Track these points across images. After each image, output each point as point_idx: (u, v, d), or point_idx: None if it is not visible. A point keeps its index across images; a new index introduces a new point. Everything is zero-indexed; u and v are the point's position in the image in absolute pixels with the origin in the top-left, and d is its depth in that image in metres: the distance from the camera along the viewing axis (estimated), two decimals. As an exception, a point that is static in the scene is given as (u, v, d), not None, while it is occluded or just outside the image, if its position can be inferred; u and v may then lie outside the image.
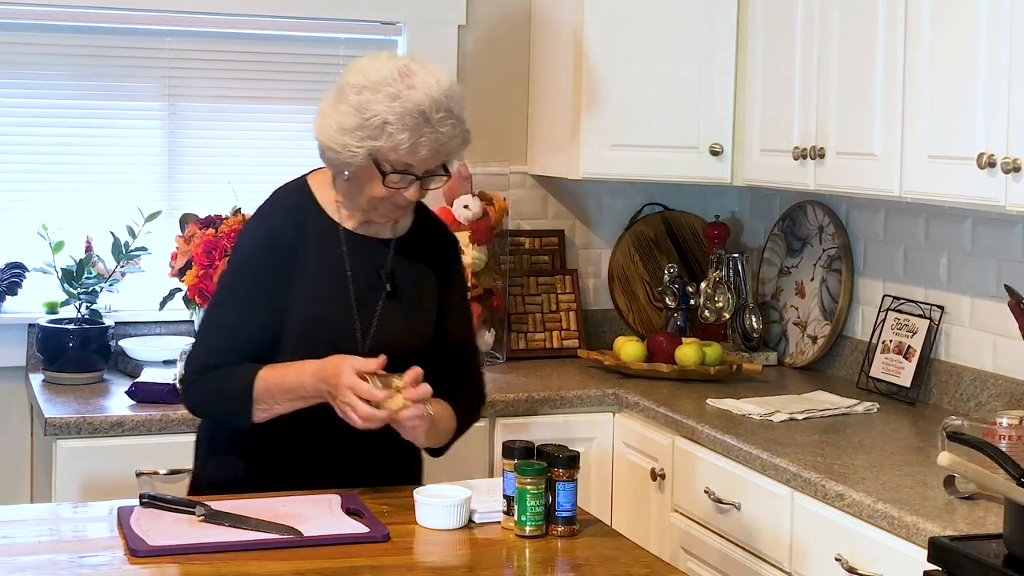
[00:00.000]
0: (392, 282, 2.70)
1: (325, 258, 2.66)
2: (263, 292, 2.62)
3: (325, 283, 2.65)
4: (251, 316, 2.63)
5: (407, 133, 2.53)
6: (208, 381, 2.64)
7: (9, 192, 3.90)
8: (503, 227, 4.14)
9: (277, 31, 4.09)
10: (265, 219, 2.70)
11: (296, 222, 2.66)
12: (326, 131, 2.59)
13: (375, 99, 2.53)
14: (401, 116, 2.52)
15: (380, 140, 2.54)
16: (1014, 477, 2.27)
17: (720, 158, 3.95)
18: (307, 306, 2.63)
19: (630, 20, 3.91)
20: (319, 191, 2.71)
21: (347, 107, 2.56)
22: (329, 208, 2.69)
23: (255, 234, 2.70)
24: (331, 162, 2.64)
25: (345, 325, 2.65)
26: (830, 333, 3.96)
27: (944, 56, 3.00)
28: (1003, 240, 3.38)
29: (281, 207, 2.70)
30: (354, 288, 2.66)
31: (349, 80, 2.59)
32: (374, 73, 2.56)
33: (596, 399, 3.72)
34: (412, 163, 2.57)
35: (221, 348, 2.63)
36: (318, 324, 2.63)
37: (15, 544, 2.34)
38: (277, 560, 2.26)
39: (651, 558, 2.38)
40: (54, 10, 3.85)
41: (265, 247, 2.65)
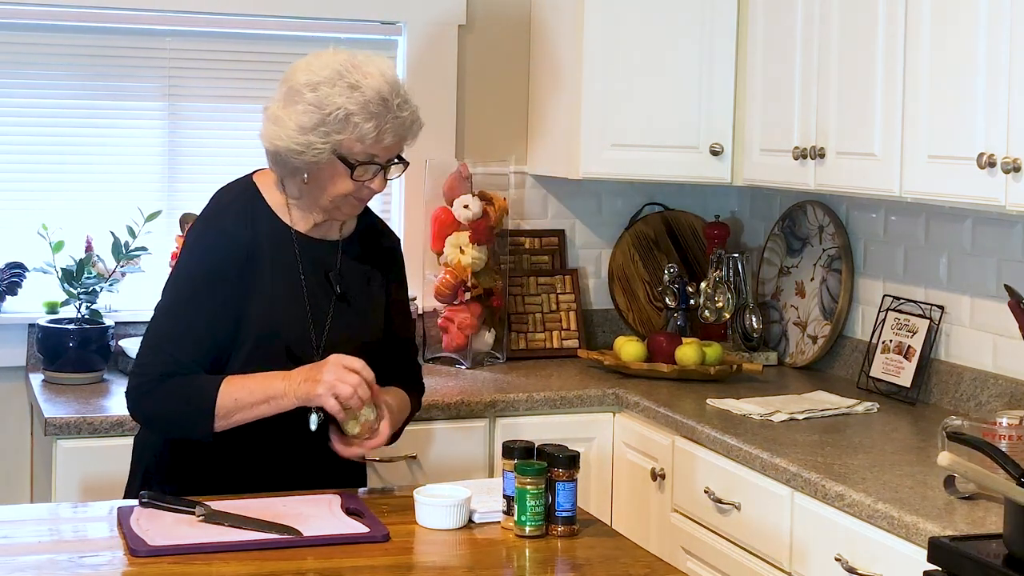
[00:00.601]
0: (341, 283, 2.69)
1: (279, 262, 2.64)
2: (218, 298, 2.59)
3: (280, 287, 2.63)
4: (206, 322, 2.58)
5: (373, 121, 2.53)
6: (164, 391, 2.58)
7: (9, 192, 3.90)
8: (503, 227, 4.14)
9: (277, 31, 4.09)
10: (217, 223, 2.66)
11: (248, 227, 2.63)
12: (284, 135, 2.55)
13: (333, 92, 2.52)
14: (364, 105, 2.52)
15: (345, 133, 2.53)
16: (1014, 477, 2.27)
17: (720, 158, 3.95)
18: (264, 310, 2.60)
19: (630, 20, 3.91)
20: (267, 193, 2.68)
21: (304, 106, 2.54)
22: (279, 211, 2.67)
23: (208, 238, 2.65)
24: (288, 166, 2.60)
25: (300, 328, 2.64)
26: (830, 333, 3.96)
27: (944, 56, 3.00)
28: (1003, 240, 3.38)
29: (232, 211, 2.66)
30: (307, 292, 2.65)
31: (299, 79, 2.57)
32: (323, 69, 2.55)
33: (596, 399, 3.72)
34: (376, 153, 2.57)
35: (177, 356, 2.57)
36: (274, 328, 2.61)
37: (15, 544, 2.34)
38: (277, 560, 2.26)
39: (651, 558, 2.38)
40: (54, 10, 3.85)
41: (219, 252, 2.61)
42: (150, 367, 2.60)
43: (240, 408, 2.54)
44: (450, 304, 4.04)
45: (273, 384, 2.55)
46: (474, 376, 3.92)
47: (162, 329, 2.63)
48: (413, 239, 4.16)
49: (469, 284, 4.01)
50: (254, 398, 2.54)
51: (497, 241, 4.13)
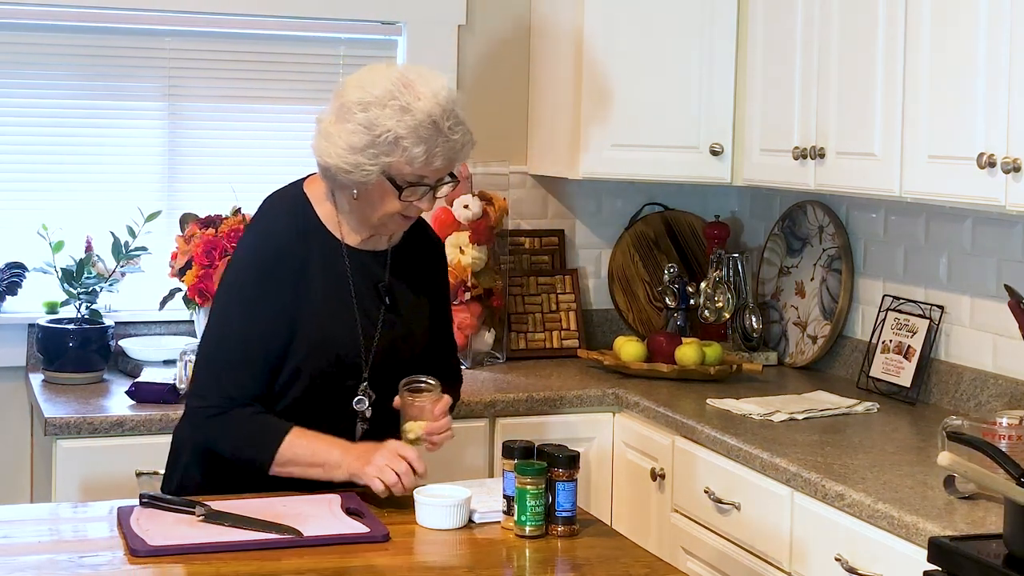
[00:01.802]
0: (390, 294, 2.70)
1: (330, 275, 2.65)
2: (275, 313, 2.60)
3: (333, 302, 2.64)
4: (266, 339, 2.60)
5: (422, 146, 2.51)
6: (229, 422, 2.60)
7: (9, 192, 3.90)
8: (503, 227, 4.14)
9: (277, 31, 4.08)
10: (271, 229, 2.66)
11: (301, 239, 2.63)
12: (334, 152, 2.54)
13: (383, 115, 2.50)
14: (414, 129, 2.49)
15: (394, 156, 2.51)
16: (1014, 477, 2.27)
17: (720, 158, 3.95)
18: (316, 322, 2.61)
19: (630, 20, 3.91)
20: (318, 206, 2.68)
21: (354, 125, 2.52)
22: (329, 223, 2.67)
23: (262, 245, 2.65)
24: (337, 181, 2.60)
25: (351, 340, 2.65)
26: (830, 333, 3.96)
27: (944, 56, 3.00)
28: (1003, 240, 3.38)
29: (284, 219, 2.66)
30: (357, 303, 2.66)
31: (350, 97, 2.54)
32: (375, 87, 2.52)
33: (596, 399, 3.72)
34: (426, 174, 2.56)
35: (237, 381, 2.59)
36: (327, 339, 2.62)
37: (15, 544, 2.34)
38: (277, 560, 2.26)
39: (651, 558, 2.38)
40: (54, 10, 3.85)
41: (272, 265, 2.61)
42: (214, 391, 2.61)
43: (296, 464, 2.58)
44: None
45: (332, 452, 2.57)
46: (474, 376, 3.91)
47: (221, 348, 2.63)
48: (413, 239, 4.16)
49: (469, 284, 4.01)
50: (312, 459, 2.57)
51: (497, 241, 4.13)
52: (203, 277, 3.69)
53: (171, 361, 3.70)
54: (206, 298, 3.69)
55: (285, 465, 2.58)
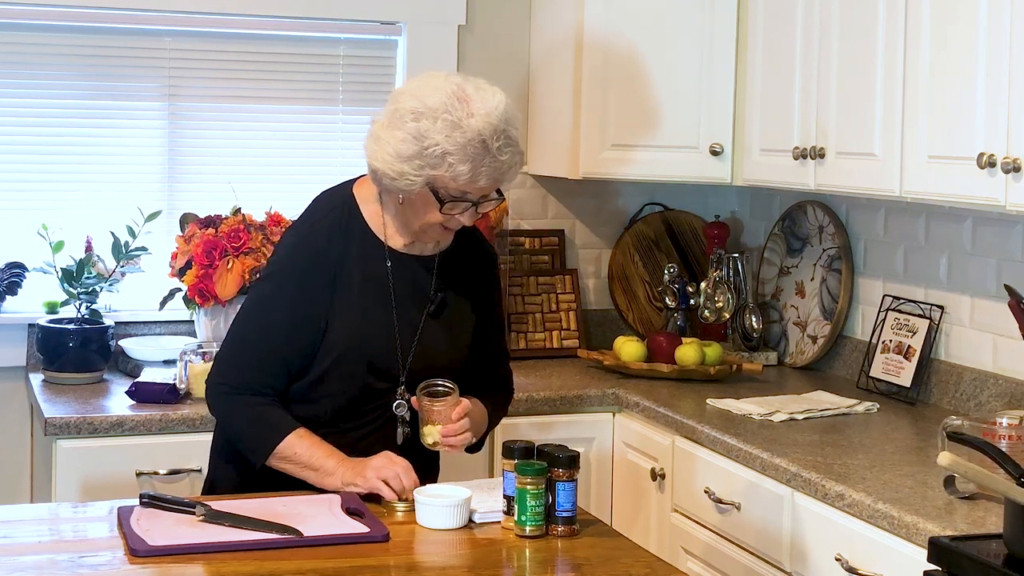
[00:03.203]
0: (435, 300, 2.69)
1: (370, 277, 2.64)
2: (307, 311, 2.60)
3: (369, 302, 2.63)
4: (295, 336, 2.61)
5: (468, 164, 2.49)
6: (242, 405, 2.63)
7: (9, 192, 3.90)
8: (503, 227, 4.14)
9: (277, 31, 4.08)
10: (311, 236, 2.65)
11: (342, 240, 2.63)
12: (382, 157, 2.53)
13: (434, 128, 2.48)
14: (462, 147, 2.48)
15: (439, 170, 2.50)
16: (1014, 477, 2.27)
17: (720, 158, 3.95)
18: (350, 325, 2.61)
19: (630, 20, 3.91)
20: (364, 206, 2.67)
21: (404, 134, 2.50)
22: (374, 224, 2.67)
23: (301, 250, 2.65)
24: (383, 185, 2.59)
25: (386, 345, 2.64)
26: (830, 333, 3.96)
27: (944, 56, 3.00)
28: (1003, 240, 3.38)
29: (328, 220, 2.66)
30: (396, 307, 2.65)
31: (404, 104, 2.53)
32: (430, 98, 2.51)
33: (596, 399, 3.72)
34: (470, 191, 2.54)
35: (257, 369, 2.62)
36: (360, 344, 2.62)
37: (15, 544, 2.34)
38: (277, 560, 2.26)
39: (651, 558, 2.38)
40: (54, 10, 3.85)
41: (313, 257, 2.62)
42: (234, 372, 2.64)
43: (293, 462, 2.59)
44: (450, 304, 4.03)
45: (329, 460, 2.58)
46: (474, 376, 3.91)
47: (249, 335, 2.65)
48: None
49: (469, 284, 4.00)
50: (309, 462, 2.58)
51: (497, 241, 4.13)
52: (203, 277, 3.69)
53: (171, 361, 3.70)
54: (206, 298, 3.69)
55: (282, 461, 2.59)
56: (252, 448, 2.62)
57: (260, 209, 3.87)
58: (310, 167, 4.10)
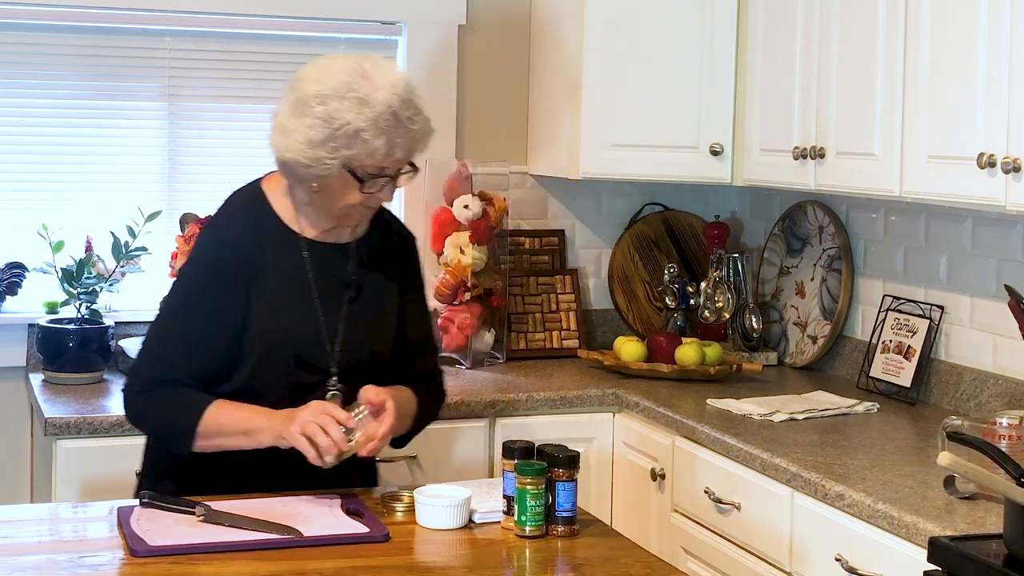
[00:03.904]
0: (354, 288, 2.67)
1: (286, 269, 2.62)
2: (221, 307, 2.58)
3: (288, 295, 2.61)
4: (208, 332, 2.58)
5: (383, 138, 2.49)
6: (155, 398, 2.60)
7: (9, 192, 3.90)
8: (503, 227, 4.14)
9: (277, 31, 4.08)
10: (222, 232, 2.65)
11: (254, 235, 2.62)
12: (293, 147, 2.52)
13: (342, 107, 2.48)
14: (374, 121, 2.48)
15: (354, 149, 2.49)
16: (1014, 477, 2.27)
17: (720, 158, 3.95)
18: (269, 319, 2.59)
19: (630, 20, 3.91)
20: (275, 199, 2.66)
21: (312, 119, 2.50)
22: (286, 217, 2.65)
23: (212, 248, 2.65)
24: (297, 175, 2.58)
25: (312, 335, 2.62)
26: (830, 333, 3.96)
27: (944, 56, 3.00)
28: (1003, 240, 3.38)
29: (239, 220, 2.65)
30: (318, 297, 2.63)
31: (307, 91, 2.52)
32: (331, 79, 2.50)
33: (596, 399, 3.72)
34: (387, 165, 2.54)
35: (172, 363, 2.58)
36: (282, 338, 2.60)
37: (15, 544, 2.34)
38: (277, 560, 2.26)
39: (651, 558, 2.38)
40: (54, 10, 3.85)
41: (223, 261, 2.60)
42: (143, 371, 2.63)
43: (221, 435, 2.55)
44: (450, 304, 4.03)
45: (256, 419, 2.54)
46: (474, 376, 3.92)
47: (161, 335, 2.64)
48: (413, 239, 4.16)
49: (469, 284, 4.01)
50: (236, 427, 2.55)
51: (497, 241, 4.13)
52: (203, 277, 3.69)
53: (171, 361, 3.70)
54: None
55: (210, 437, 2.55)
56: (175, 436, 2.57)
57: (260, 209, 3.86)
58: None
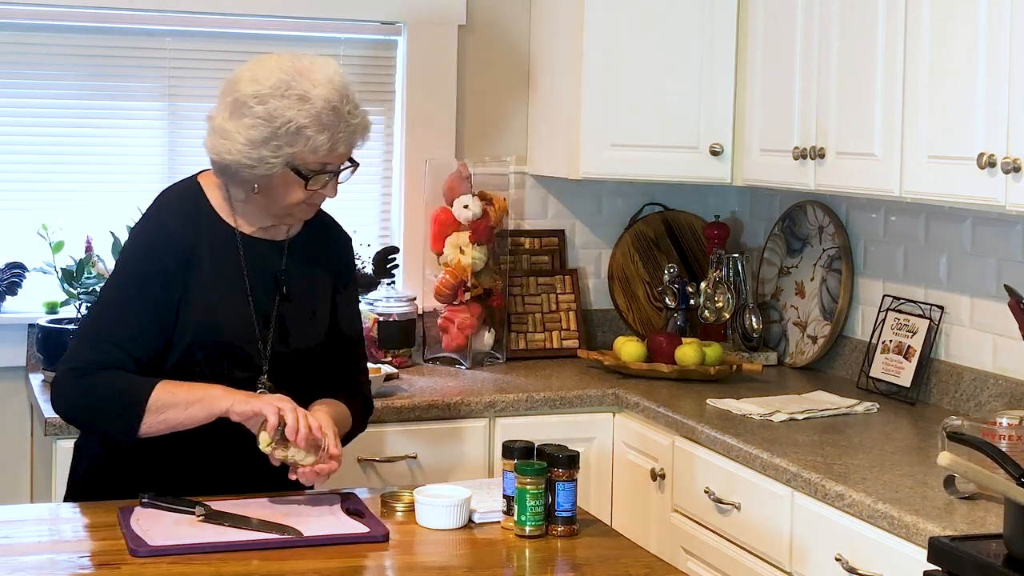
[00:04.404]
0: (287, 284, 2.66)
1: (221, 263, 2.60)
2: (155, 297, 2.54)
3: (223, 288, 2.60)
4: (142, 321, 2.54)
5: (326, 134, 2.49)
6: (93, 382, 2.51)
7: (9, 192, 3.90)
8: (503, 227, 4.14)
9: (277, 31, 4.08)
10: (158, 223, 2.62)
11: (190, 227, 2.60)
12: (234, 148, 2.50)
13: (282, 105, 2.47)
14: (315, 117, 2.48)
15: (297, 146, 2.49)
16: (1014, 477, 2.27)
17: (720, 158, 3.95)
18: (204, 312, 2.57)
19: (630, 20, 3.91)
20: (211, 193, 2.65)
21: (252, 119, 2.48)
22: (223, 212, 2.64)
23: (147, 238, 2.62)
24: (237, 177, 2.55)
25: (245, 330, 2.60)
26: (830, 333, 3.96)
27: (944, 56, 3.00)
28: (1003, 240, 3.38)
29: (175, 211, 2.63)
30: (251, 294, 2.62)
31: (244, 91, 2.50)
32: (268, 79, 2.49)
33: (596, 399, 3.72)
34: (330, 161, 2.54)
35: (109, 350, 2.52)
36: (215, 331, 2.58)
37: (15, 544, 2.34)
38: (277, 560, 2.26)
39: (651, 558, 2.38)
40: (54, 10, 3.85)
41: (158, 252, 2.57)
42: (80, 358, 2.54)
43: (174, 406, 2.47)
44: (450, 304, 4.04)
45: (213, 388, 2.50)
46: (474, 376, 3.92)
47: (97, 324, 2.59)
48: (413, 239, 4.16)
49: (469, 284, 4.01)
50: (191, 396, 2.47)
51: (497, 241, 4.13)
52: (203, 277, 3.69)
53: (171, 361, 3.70)
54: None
55: (159, 412, 2.47)
56: (119, 417, 2.49)
57: (260, 209, 3.87)
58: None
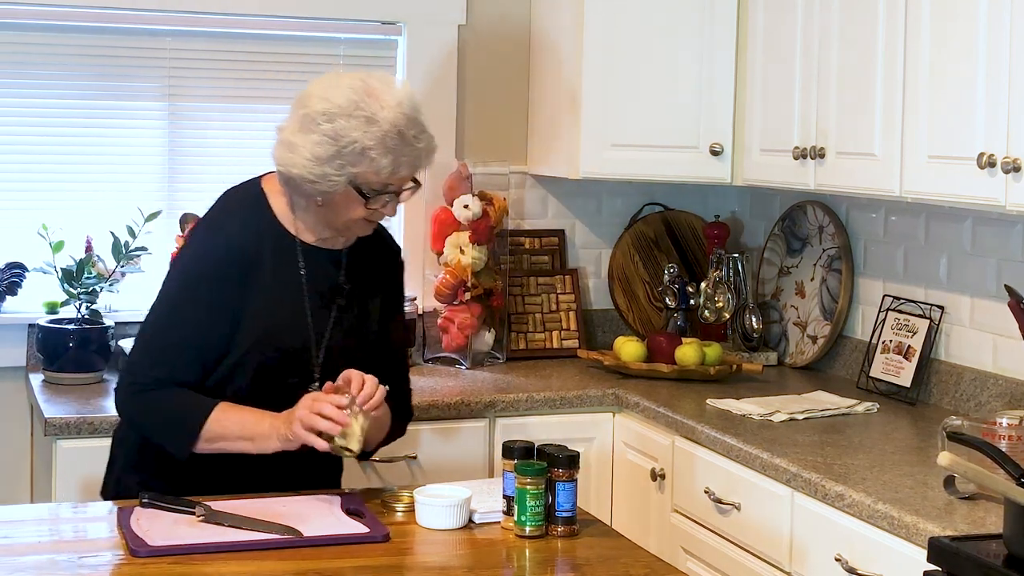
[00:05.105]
0: (343, 294, 2.68)
1: (282, 271, 2.63)
2: (218, 305, 2.58)
3: (282, 297, 2.62)
4: (205, 329, 2.58)
5: (389, 156, 2.51)
6: (156, 398, 2.58)
7: (9, 192, 3.90)
8: (503, 227, 4.14)
9: (277, 31, 4.08)
10: (222, 231, 2.65)
11: (253, 234, 2.62)
12: (299, 163, 2.53)
13: (349, 125, 2.49)
14: (380, 140, 2.49)
15: (360, 166, 2.51)
16: (1014, 477, 2.27)
17: (720, 158, 3.95)
18: (263, 319, 2.60)
19: (630, 19, 3.91)
20: (274, 201, 2.67)
21: (319, 136, 2.51)
22: (285, 220, 2.66)
23: (211, 242, 2.65)
24: (300, 190, 2.59)
25: (300, 338, 2.63)
26: (830, 333, 3.96)
27: (944, 56, 3.00)
28: (1003, 240, 3.38)
29: (238, 219, 2.65)
30: (308, 302, 2.65)
31: (314, 107, 2.53)
32: (338, 97, 2.52)
33: (596, 399, 3.72)
34: (392, 182, 2.56)
35: (172, 362, 2.57)
36: (273, 337, 2.60)
37: (15, 544, 2.34)
38: (277, 560, 2.26)
39: (651, 558, 2.38)
40: (54, 10, 3.85)
41: (222, 260, 2.60)
42: (144, 370, 2.61)
43: (225, 439, 2.55)
44: (450, 304, 4.04)
45: (261, 423, 2.54)
46: (474, 376, 3.92)
47: (159, 331, 2.63)
48: (413, 239, 4.16)
49: (469, 284, 4.01)
50: (242, 433, 2.54)
51: (497, 241, 4.13)
52: (203, 277, 3.69)
53: (171, 361, 3.70)
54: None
55: (213, 441, 2.55)
56: (175, 438, 2.56)
57: (260, 209, 3.87)
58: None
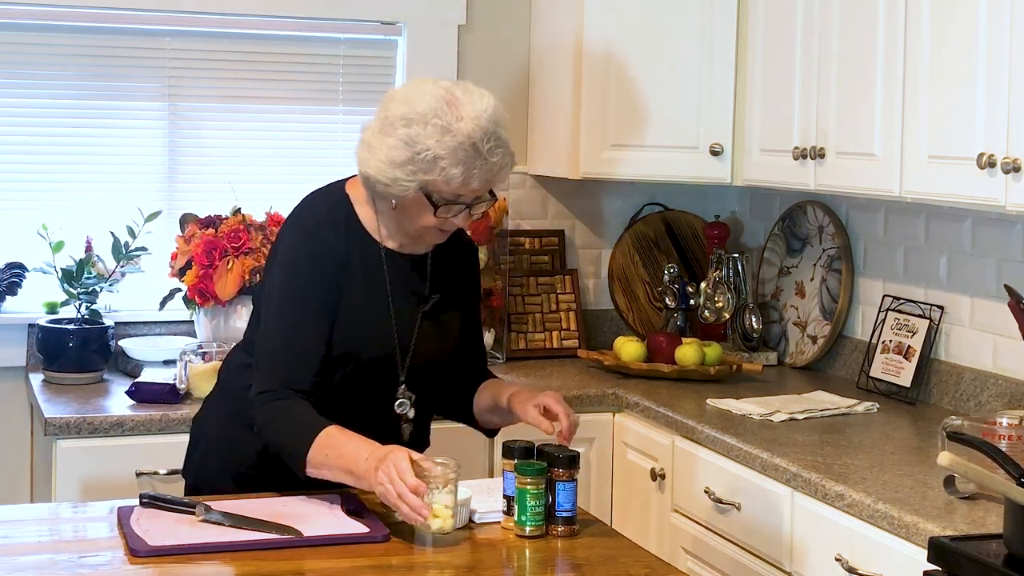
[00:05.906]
0: (428, 302, 2.70)
1: (369, 279, 2.64)
2: (326, 312, 2.59)
3: (369, 304, 2.63)
4: (319, 335, 2.58)
5: (460, 168, 2.50)
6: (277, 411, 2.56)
7: (9, 192, 3.90)
8: (503, 227, 4.14)
9: (277, 31, 4.09)
10: (316, 233, 2.63)
11: (343, 241, 2.63)
12: (374, 164, 2.54)
13: (424, 133, 2.49)
14: (453, 151, 2.49)
15: (432, 175, 2.51)
16: (1014, 477, 2.27)
17: (720, 158, 3.95)
18: (351, 327, 2.61)
19: (630, 20, 3.91)
20: (359, 208, 2.67)
21: (395, 140, 2.51)
22: (369, 226, 2.66)
23: (310, 251, 2.63)
24: (376, 191, 2.60)
25: (385, 344, 2.64)
26: (830, 333, 3.96)
27: (944, 56, 3.00)
28: (1003, 240, 3.38)
29: (329, 222, 2.64)
30: (393, 307, 2.65)
31: (395, 111, 2.53)
32: (419, 103, 2.51)
33: (596, 399, 3.72)
34: (463, 193, 2.55)
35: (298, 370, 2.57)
36: (359, 343, 2.62)
37: (15, 544, 2.34)
38: (277, 560, 2.26)
39: (651, 558, 2.38)
40: (54, 10, 3.85)
41: (326, 267, 2.60)
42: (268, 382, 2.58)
43: (328, 468, 2.50)
44: (450, 304, 4.03)
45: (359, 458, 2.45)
46: (474, 376, 3.91)
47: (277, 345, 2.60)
48: (413, 239, 4.16)
49: (469, 284, 4.00)
50: (340, 464, 2.48)
51: (497, 241, 4.13)
52: (203, 277, 3.69)
53: (171, 361, 3.70)
54: (206, 298, 3.69)
55: (318, 467, 2.51)
56: (288, 456, 2.55)
57: (260, 209, 3.87)
58: (310, 167, 4.09)
